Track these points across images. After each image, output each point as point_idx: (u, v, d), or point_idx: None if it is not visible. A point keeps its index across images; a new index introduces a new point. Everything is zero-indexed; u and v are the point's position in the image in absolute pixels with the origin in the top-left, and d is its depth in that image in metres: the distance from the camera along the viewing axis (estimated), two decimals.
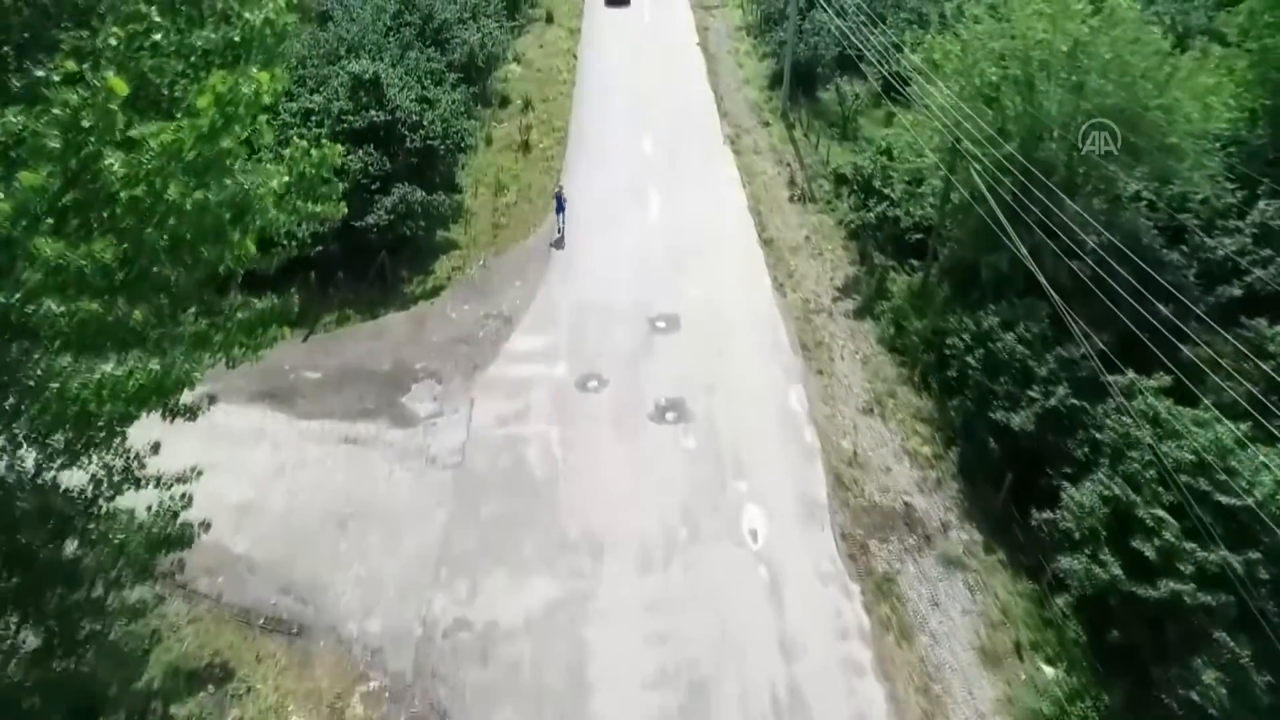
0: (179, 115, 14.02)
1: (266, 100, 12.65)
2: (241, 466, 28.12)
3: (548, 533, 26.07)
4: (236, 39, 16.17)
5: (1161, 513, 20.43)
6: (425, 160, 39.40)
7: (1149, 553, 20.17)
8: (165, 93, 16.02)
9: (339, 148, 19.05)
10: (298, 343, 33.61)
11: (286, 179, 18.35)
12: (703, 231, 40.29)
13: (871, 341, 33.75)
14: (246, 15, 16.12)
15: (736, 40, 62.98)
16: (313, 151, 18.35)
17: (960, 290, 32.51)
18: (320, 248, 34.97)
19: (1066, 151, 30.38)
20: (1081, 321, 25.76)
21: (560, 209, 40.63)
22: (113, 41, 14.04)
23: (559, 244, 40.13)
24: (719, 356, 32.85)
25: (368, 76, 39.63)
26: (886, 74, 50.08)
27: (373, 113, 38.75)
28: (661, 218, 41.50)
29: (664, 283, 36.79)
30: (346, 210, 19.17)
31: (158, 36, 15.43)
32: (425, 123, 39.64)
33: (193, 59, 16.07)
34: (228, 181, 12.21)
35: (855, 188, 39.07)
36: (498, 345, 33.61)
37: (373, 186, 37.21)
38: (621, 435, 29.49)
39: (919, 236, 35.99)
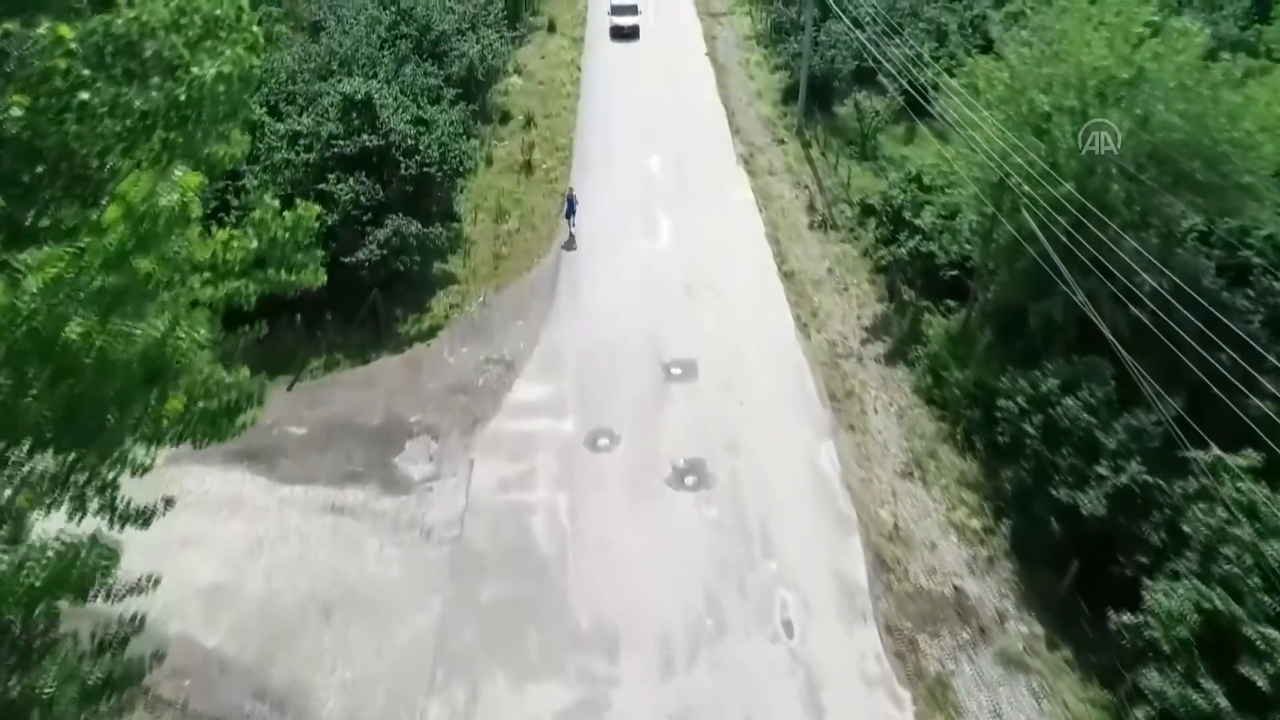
0: (104, 203, 11.03)
1: (195, 212, 9.51)
2: (215, 540, 25.04)
3: (556, 624, 22.98)
4: (183, 98, 13.13)
5: (1274, 633, 17.40)
6: (421, 188, 36.25)
7: (1260, 681, 17.15)
8: (94, 164, 12.99)
9: (316, 208, 16.15)
10: (282, 391, 30.56)
11: (255, 245, 15.44)
12: (718, 262, 37.18)
13: (906, 391, 30.69)
14: (195, 70, 13.08)
15: (746, 50, 59.81)
16: (286, 214, 15.41)
17: (1004, 337, 29.45)
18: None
19: (1125, 188, 27.29)
20: (1153, 381, 22.72)
21: (571, 211, 39.42)
22: (15, 113, 10.98)
23: (570, 245, 39.08)
24: (740, 408, 29.79)
25: (359, 97, 36.47)
26: (909, 88, 47.06)
27: (365, 137, 35.63)
28: (673, 247, 38.40)
29: (678, 321, 33.72)
30: (324, 278, 16.26)
31: (86, 95, 12.42)
32: (421, 147, 36.48)
33: (129, 122, 13.04)
34: (138, 331, 9.01)
35: (884, 219, 35.92)
36: (499, 395, 30.52)
37: (364, 218, 34.10)
38: (637, 504, 26.42)
39: (954, 274, 32.94)
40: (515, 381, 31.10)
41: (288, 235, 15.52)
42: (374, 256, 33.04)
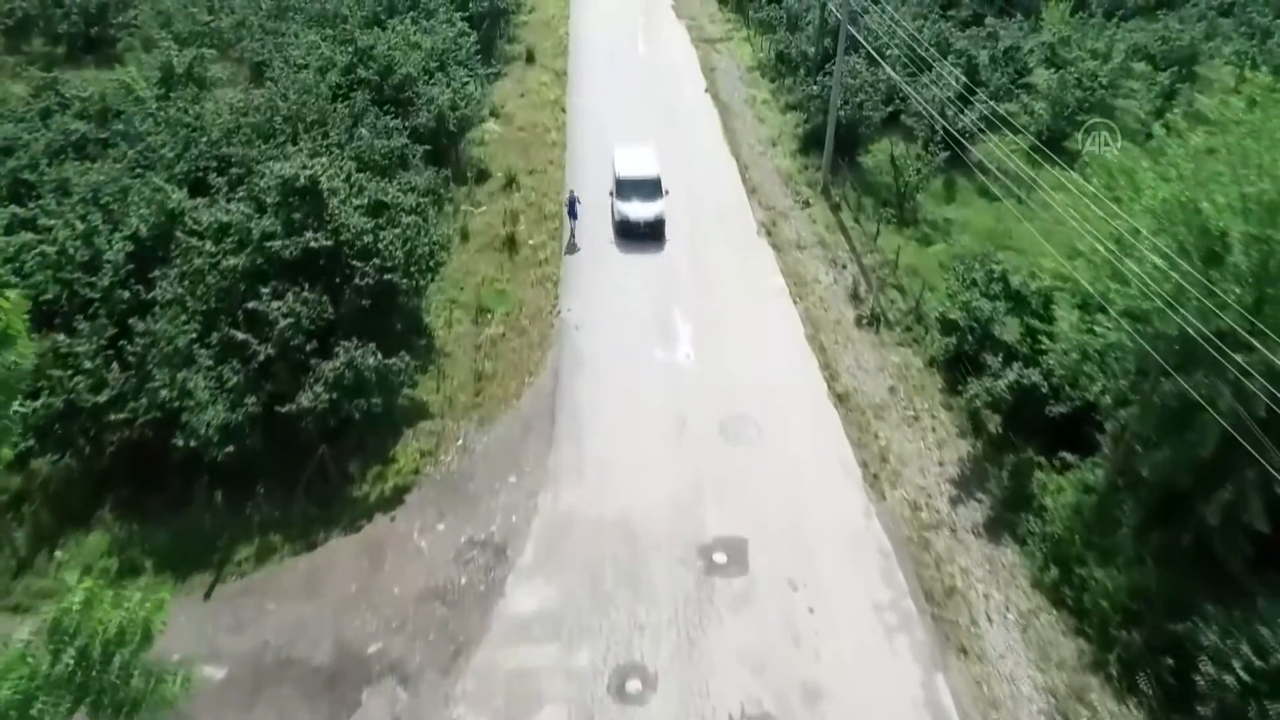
0: None
1: None
2: None
3: None
4: None
5: None
6: (381, 300, 27.67)
7: None
8: None
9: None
10: (197, 600, 22.08)
11: None
12: (754, 384, 28.90)
13: (1023, 585, 22.60)
14: None
15: (751, 85, 51.32)
16: None
17: (1161, 520, 21.43)
18: (230, 447, 23.51)
19: None
20: None
21: (573, 215, 36.95)
22: None
23: (572, 248, 36.57)
24: (812, 619, 21.62)
25: (301, 183, 27.75)
26: (951, 138, 38.97)
27: (310, 236, 27.01)
28: (698, 361, 30.06)
29: (714, 479, 25.50)
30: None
31: None
32: (381, 246, 27.88)
33: None
34: None
35: (968, 336, 27.60)
36: (488, 602, 22.13)
37: (307, 347, 25.51)
38: None
39: (1063, 410, 24.85)
40: (509, 578, 22.71)
41: None
42: (320, 403, 24.46)
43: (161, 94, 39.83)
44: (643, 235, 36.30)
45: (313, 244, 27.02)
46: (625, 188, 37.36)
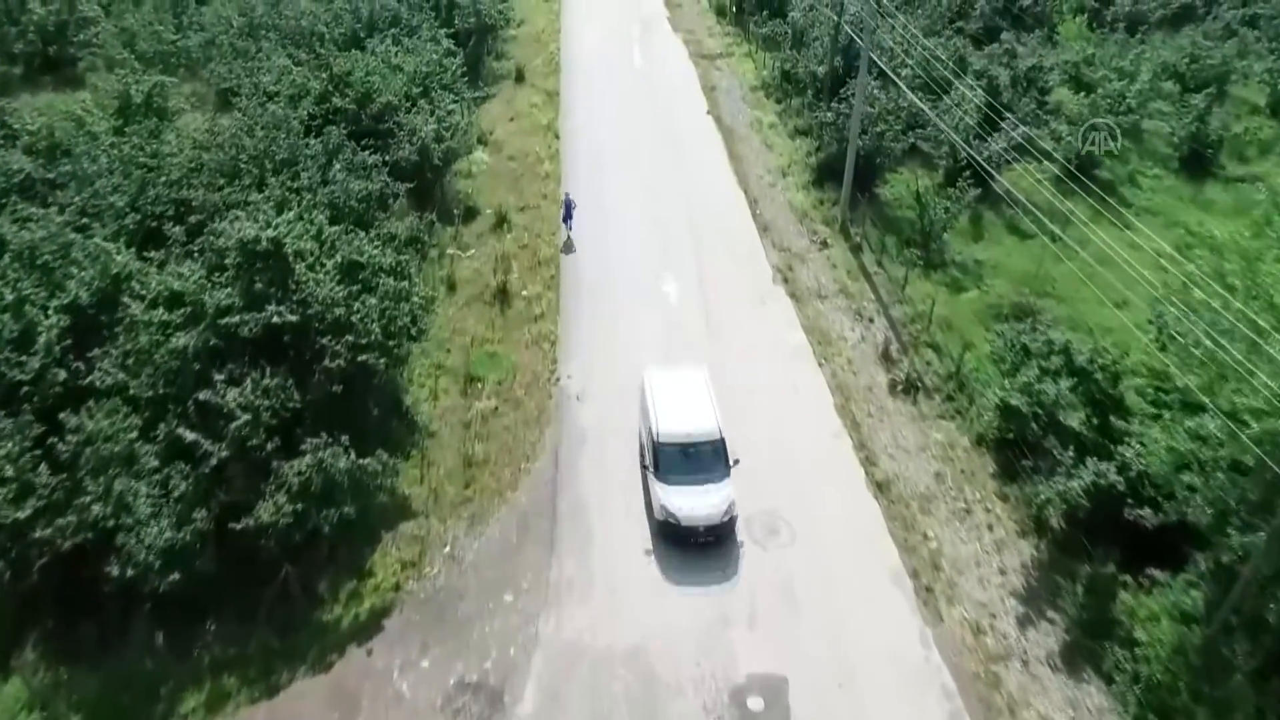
0: None
1: None
2: None
3: None
4: None
5: None
6: (355, 382, 23.65)
7: None
8: None
9: None
10: None
11: None
12: (781, 468, 24.98)
13: None
14: None
15: (755, 105, 47.24)
16: None
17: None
18: (175, 575, 19.47)
19: None
20: None
21: (569, 215, 35.02)
22: None
23: (568, 248, 34.75)
24: None
25: (264, 246, 23.65)
26: (979, 165, 35.06)
27: (273, 309, 22.95)
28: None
29: (745, 593, 21.59)
30: None
31: None
32: (356, 318, 23.84)
33: None
34: None
35: (1031, 425, 23.56)
36: None
37: (268, 446, 21.46)
38: None
39: (1147, 517, 20.97)
40: None
41: None
42: (283, 516, 20.44)
43: (119, 125, 35.56)
44: (702, 546, 22.63)
45: (276, 319, 22.95)
46: (669, 460, 22.99)
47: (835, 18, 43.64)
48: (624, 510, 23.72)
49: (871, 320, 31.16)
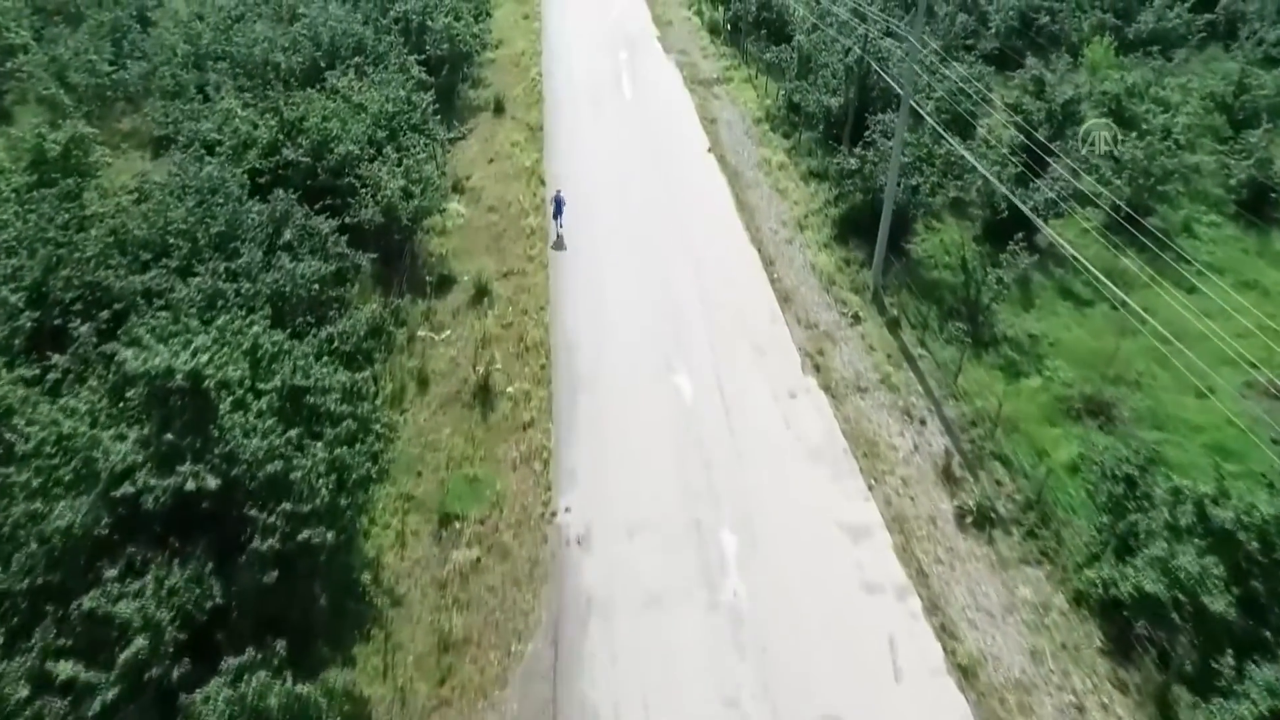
0: None
1: None
2: None
3: None
4: None
5: None
6: (296, 564, 17.67)
7: None
8: None
9: None
10: None
11: None
12: (834, 646, 19.27)
13: None
14: None
15: (761, 142, 41.38)
16: None
17: None
18: None
19: None
20: None
21: (559, 212, 33.15)
22: None
23: (559, 245, 32.84)
24: None
25: (178, 382, 17.68)
26: (1022, 216, 29.49)
27: (186, 470, 17.04)
28: (750, 599, 20.31)
29: None
30: None
31: None
32: (297, 477, 17.87)
33: None
34: None
35: (1173, 615, 17.84)
36: None
37: (174, 672, 15.50)
38: None
39: None
40: None
41: None
42: None
43: (31, 182, 29.34)
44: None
45: (191, 485, 16.95)
46: None
47: (855, 48, 37.74)
48: (644, 714, 17.90)
49: (923, 422, 25.43)
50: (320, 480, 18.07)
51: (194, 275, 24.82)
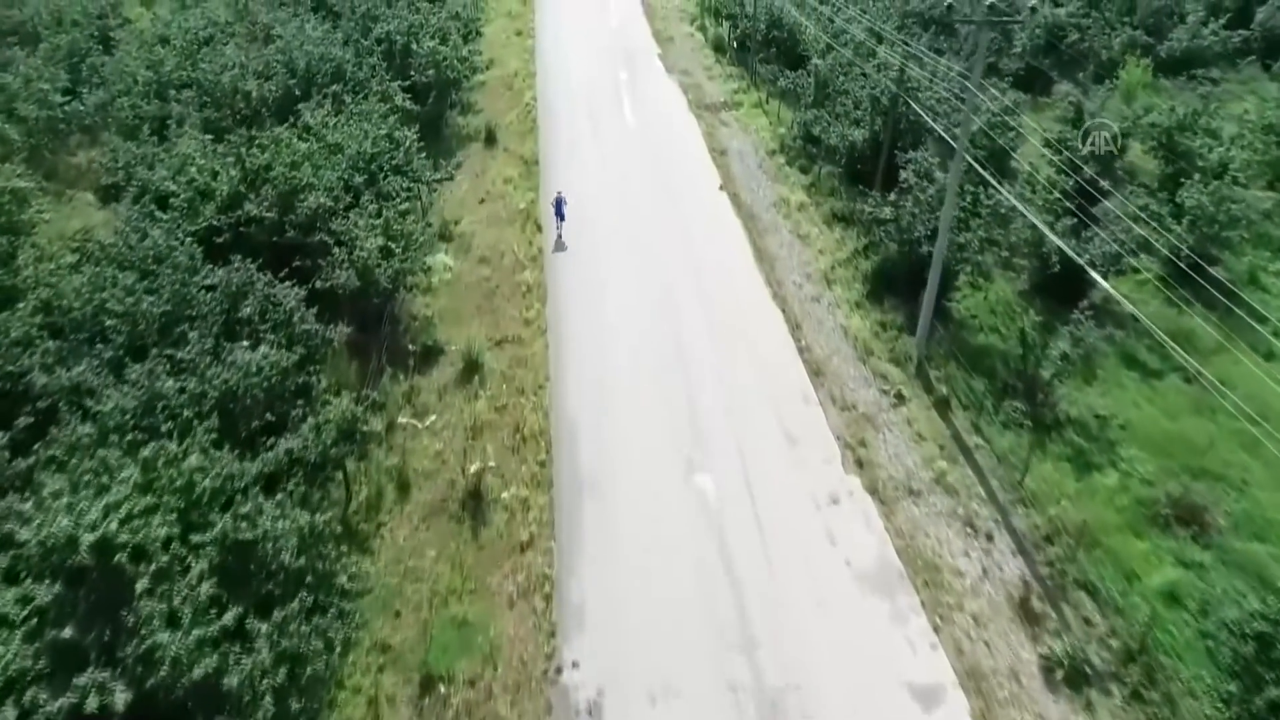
0: None
1: None
2: None
3: None
4: None
5: None
6: None
7: None
8: None
9: None
10: None
11: None
12: None
13: None
14: None
15: (777, 178, 37.03)
16: None
17: None
18: None
19: None
20: None
21: (560, 214, 31.41)
22: None
23: (559, 246, 30.98)
24: None
25: (81, 556, 13.43)
26: (1075, 270, 25.43)
27: (88, 678, 12.80)
28: None
29: None
30: None
31: None
32: (235, 682, 13.51)
33: None
34: None
35: None
36: None
37: None
38: None
39: None
40: None
41: None
42: None
43: None
44: None
45: (93, 703, 12.66)
46: None
47: (884, 79, 33.41)
48: None
49: (990, 536, 21.19)
50: (265, 681, 13.74)
51: (133, 366, 20.45)
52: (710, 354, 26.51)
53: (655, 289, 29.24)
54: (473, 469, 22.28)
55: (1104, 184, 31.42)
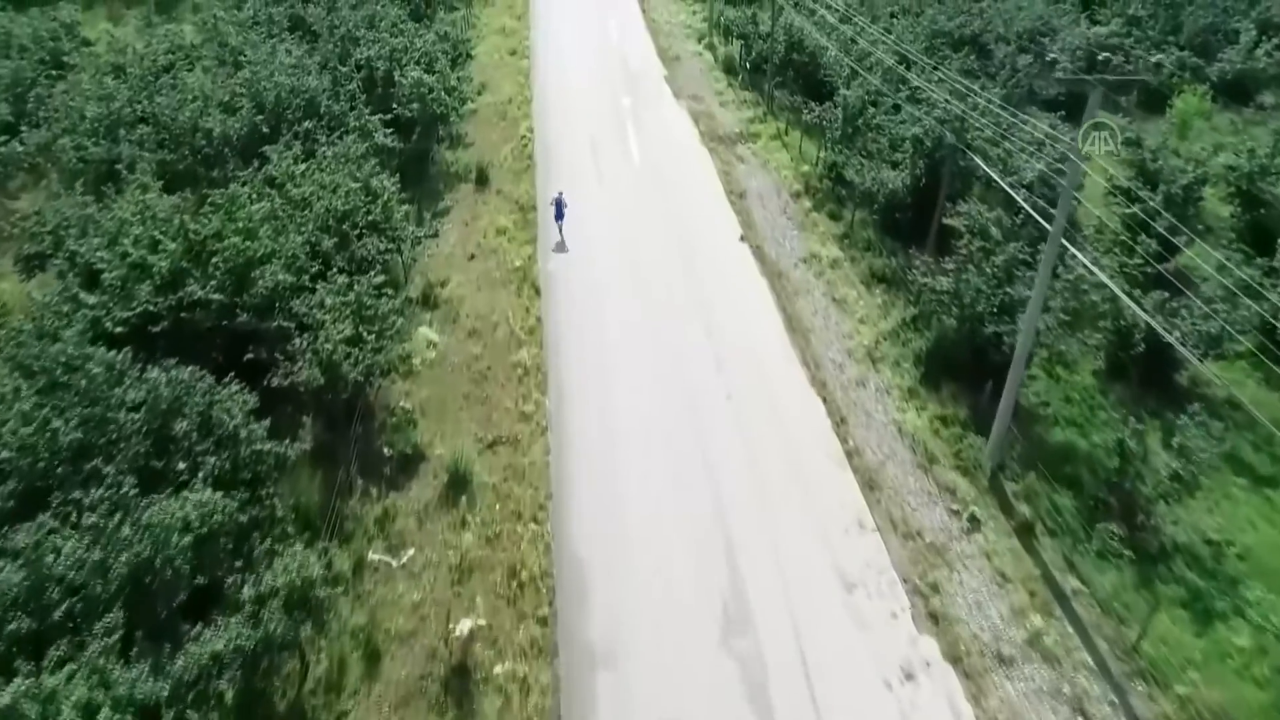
0: None
1: None
2: None
3: None
4: None
5: None
6: None
7: None
8: None
9: None
10: None
11: None
12: None
13: None
14: None
15: (804, 225, 32.11)
16: None
17: None
18: None
19: None
20: None
21: (560, 215, 29.14)
22: None
23: (560, 247, 28.78)
24: None
25: None
26: (1162, 355, 20.74)
27: None
28: None
29: None
30: None
31: None
32: None
33: None
34: None
35: None
36: None
37: None
38: None
39: None
40: None
41: None
42: None
43: None
44: None
45: None
46: None
47: (932, 121, 28.48)
48: None
49: None
50: None
51: (23, 524, 15.56)
52: (742, 464, 21.69)
53: (677, 385, 24.33)
54: (458, 631, 17.39)
55: (1183, 238, 26.73)
